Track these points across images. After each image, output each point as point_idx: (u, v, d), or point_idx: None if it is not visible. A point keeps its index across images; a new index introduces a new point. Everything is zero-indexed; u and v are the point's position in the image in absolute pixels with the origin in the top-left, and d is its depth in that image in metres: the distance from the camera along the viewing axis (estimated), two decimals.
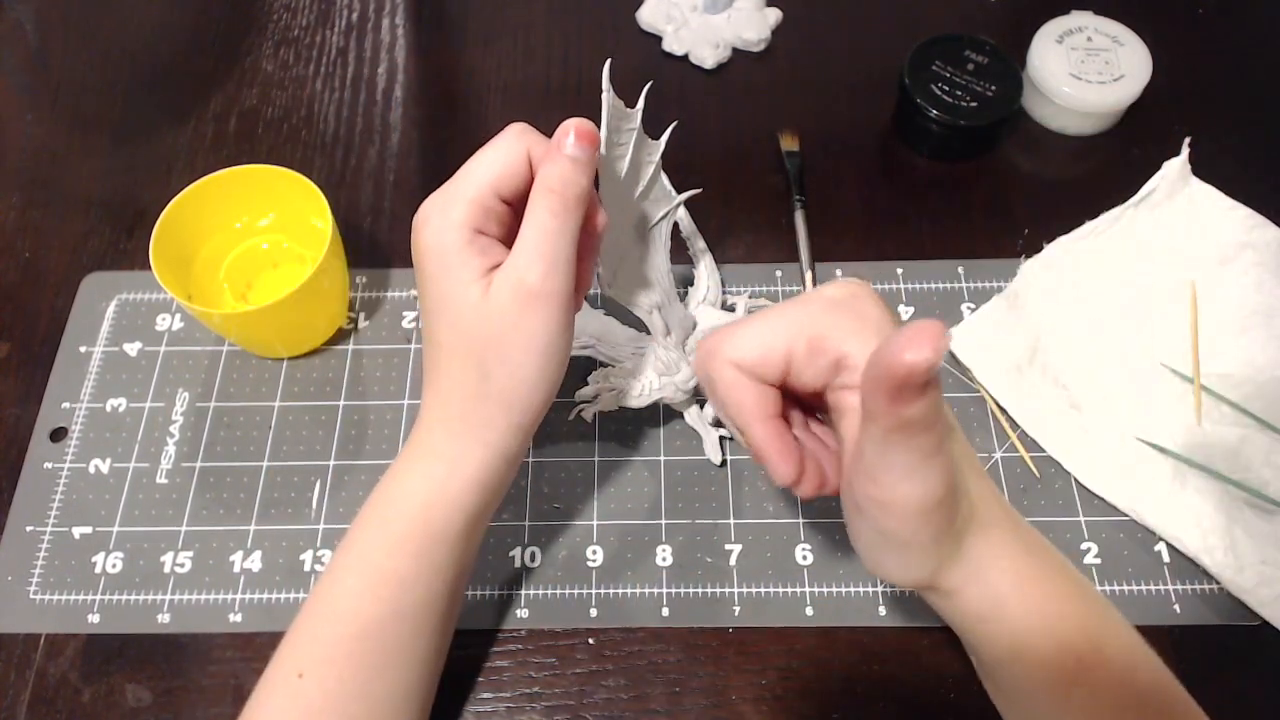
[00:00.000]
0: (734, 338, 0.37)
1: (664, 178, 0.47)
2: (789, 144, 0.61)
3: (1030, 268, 0.55)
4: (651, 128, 0.44)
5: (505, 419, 0.39)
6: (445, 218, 0.38)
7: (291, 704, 0.38)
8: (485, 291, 0.38)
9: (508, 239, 0.39)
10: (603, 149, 0.42)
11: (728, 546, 0.50)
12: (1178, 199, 0.56)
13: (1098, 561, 0.49)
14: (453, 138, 0.64)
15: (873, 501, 0.34)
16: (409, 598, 0.39)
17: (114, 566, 0.50)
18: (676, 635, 0.48)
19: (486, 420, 0.39)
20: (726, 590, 0.49)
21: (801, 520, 0.50)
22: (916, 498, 0.33)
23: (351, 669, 0.39)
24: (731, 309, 0.52)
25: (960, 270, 0.58)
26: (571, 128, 0.38)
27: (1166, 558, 0.49)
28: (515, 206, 0.40)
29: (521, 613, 0.48)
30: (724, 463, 0.52)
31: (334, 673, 0.38)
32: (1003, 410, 0.53)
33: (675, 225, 0.50)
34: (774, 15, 0.68)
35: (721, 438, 0.52)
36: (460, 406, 0.39)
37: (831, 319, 0.35)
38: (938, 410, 0.31)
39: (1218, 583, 0.48)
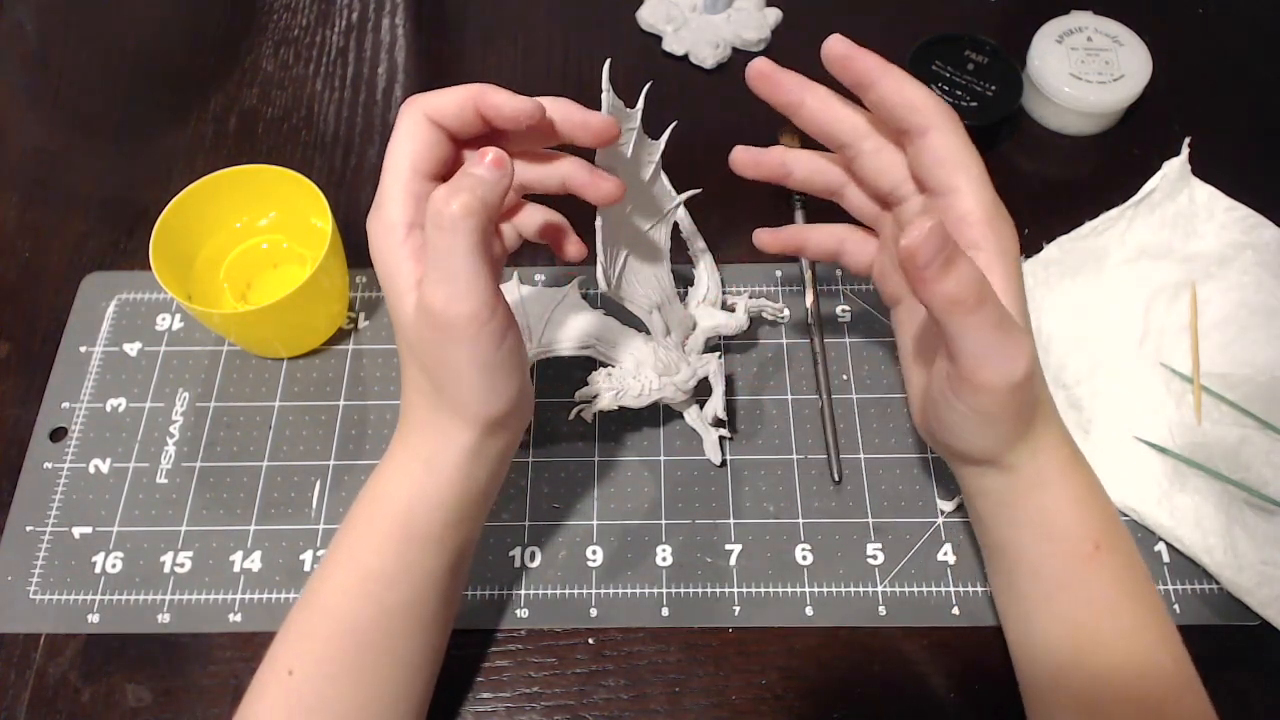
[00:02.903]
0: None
1: (664, 178, 0.47)
2: (789, 144, 0.61)
3: (1030, 268, 0.55)
4: (651, 128, 0.44)
5: (474, 423, 0.38)
6: (383, 220, 0.37)
7: (283, 701, 0.38)
8: (413, 307, 0.36)
9: None
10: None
11: (728, 546, 0.50)
12: (1178, 199, 0.56)
13: None
14: None
15: (964, 384, 0.35)
16: (396, 595, 0.39)
17: (114, 566, 0.50)
18: (676, 635, 0.48)
19: (457, 425, 0.38)
20: (726, 590, 0.49)
21: (801, 520, 0.50)
22: (1003, 375, 0.35)
23: (342, 666, 0.39)
24: (731, 309, 0.52)
25: None
26: (477, 154, 0.36)
27: (1166, 558, 0.49)
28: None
29: (521, 613, 0.48)
30: (724, 463, 0.52)
31: (324, 670, 0.39)
32: None
33: (675, 225, 0.50)
34: (774, 15, 0.68)
35: (721, 438, 0.52)
36: (428, 410, 0.39)
37: None
38: (973, 283, 0.33)
39: (1218, 583, 0.48)
